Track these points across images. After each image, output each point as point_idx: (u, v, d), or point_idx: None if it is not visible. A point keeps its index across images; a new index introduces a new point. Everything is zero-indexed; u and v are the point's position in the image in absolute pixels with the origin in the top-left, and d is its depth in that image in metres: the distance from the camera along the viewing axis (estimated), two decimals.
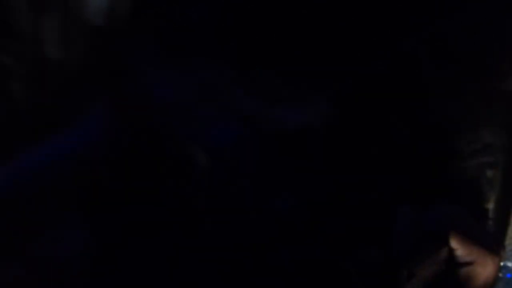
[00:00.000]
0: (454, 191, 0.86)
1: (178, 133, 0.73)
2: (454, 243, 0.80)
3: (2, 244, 0.66)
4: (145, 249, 0.71)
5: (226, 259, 0.77)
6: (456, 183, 0.87)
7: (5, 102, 0.73)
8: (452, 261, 0.81)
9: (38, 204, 0.67)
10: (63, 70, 0.74)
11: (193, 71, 0.77)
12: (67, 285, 0.68)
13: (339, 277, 0.78)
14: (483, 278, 0.82)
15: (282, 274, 0.76)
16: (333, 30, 0.84)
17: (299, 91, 0.83)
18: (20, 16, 0.74)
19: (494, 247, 0.87)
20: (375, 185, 0.84)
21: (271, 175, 0.82)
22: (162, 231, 0.72)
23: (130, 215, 0.70)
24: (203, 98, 0.76)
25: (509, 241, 0.93)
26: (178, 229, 0.73)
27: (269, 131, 0.79)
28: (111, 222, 0.69)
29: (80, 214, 0.68)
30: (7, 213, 0.67)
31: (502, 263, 0.89)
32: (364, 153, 0.85)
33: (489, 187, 0.89)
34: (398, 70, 0.86)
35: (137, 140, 0.72)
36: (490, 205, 0.89)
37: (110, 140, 0.71)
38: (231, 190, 0.77)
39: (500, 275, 0.88)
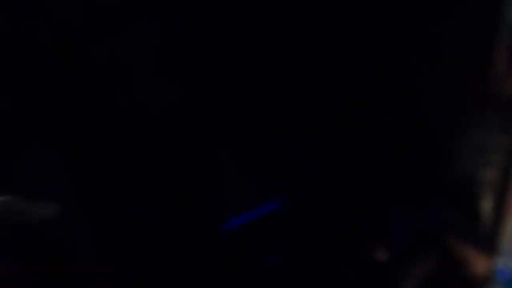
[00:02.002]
0: (450, 192, 0.87)
1: None
2: (450, 244, 0.81)
3: None
4: None
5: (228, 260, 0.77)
6: (452, 184, 0.87)
7: None
8: (448, 262, 0.81)
9: None
10: None
11: None
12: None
13: (337, 278, 0.78)
14: (478, 278, 0.83)
15: (278, 279, 0.76)
16: (328, 31, 0.85)
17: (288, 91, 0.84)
18: None
19: (489, 248, 0.87)
20: (372, 188, 0.84)
21: (267, 177, 0.82)
22: None
23: None
24: None
25: (504, 240, 0.93)
26: None
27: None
28: None
29: None
30: None
31: (496, 263, 0.90)
32: (360, 155, 0.85)
33: (484, 188, 0.89)
34: (393, 71, 0.86)
35: None
36: (485, 206, 0.90)
37: None
38: None
39: (495, 275, 0.88)
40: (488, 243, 0.88)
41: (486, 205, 0.89)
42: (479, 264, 0.83)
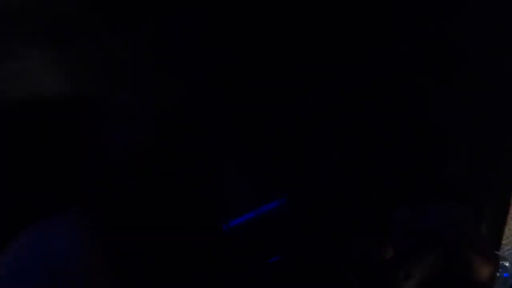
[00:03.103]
0: (451, 191, 0.87)
1: None
2: (451, 244, 0.81)
3: None
4: None
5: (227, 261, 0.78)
6: (453, 183, 0.87)
7: None
8: (449, 262, 0.81)
9: None
10: None
11: None
12: None
13: (337, 278, 0.78)
14: (480, 278, 0.83)
15: (278, 279, 0.76)
16: (332, 31, 0.85)
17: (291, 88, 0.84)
18: None
19: (491, 247, 0.87)
20: (373, 185, 0.84)
21: (267, 176, 0.82)
22: None
23: None
24: None
25: (506, 240, 0.93)
26: None
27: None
28: None
29: None
30: None
31: (499, 263, 0.89)
32: (361, 154, 0.85)
33: (486, 187, 0.89)
34: (396, 71, 0.86)
35: None
36: (487, 205, 0.89)
37: None
38: None
39: (497, 274, 0.88)
40: (490, 243, 0.87)
41: (488, 204, 0.89)
42: (481, 264, 0.83)
